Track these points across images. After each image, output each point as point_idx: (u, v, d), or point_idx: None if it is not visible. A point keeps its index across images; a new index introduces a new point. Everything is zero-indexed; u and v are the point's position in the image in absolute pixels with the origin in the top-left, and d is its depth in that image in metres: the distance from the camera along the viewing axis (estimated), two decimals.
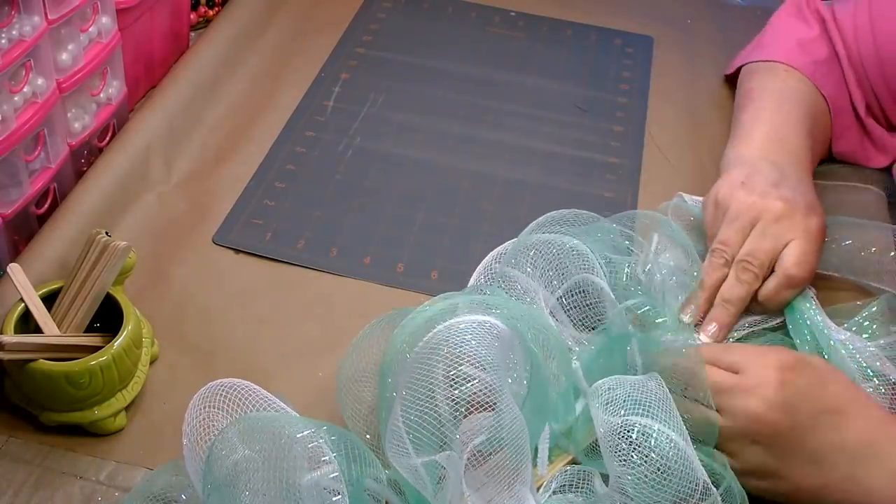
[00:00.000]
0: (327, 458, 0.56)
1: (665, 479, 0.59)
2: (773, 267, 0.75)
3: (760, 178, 0.79)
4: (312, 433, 0.56)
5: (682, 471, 0.59)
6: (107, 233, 0.68)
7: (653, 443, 0.59)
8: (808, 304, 0.75)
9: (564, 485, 0.63)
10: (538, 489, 0.63)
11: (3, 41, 0.71)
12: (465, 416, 0.58)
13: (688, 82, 1.10)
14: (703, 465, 0.61)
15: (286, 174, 0.92)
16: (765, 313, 0.77)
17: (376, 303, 0.78)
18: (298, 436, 0.56)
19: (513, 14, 1.19)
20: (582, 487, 0.62)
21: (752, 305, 0.76)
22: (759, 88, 0.92)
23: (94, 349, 0.65)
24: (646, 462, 0.59)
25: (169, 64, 1.02)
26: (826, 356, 0.72)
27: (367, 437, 0.65)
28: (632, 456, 0.59)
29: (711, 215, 0.80)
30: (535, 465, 0.63)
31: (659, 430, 0.60)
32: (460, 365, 0.58)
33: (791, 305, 0.76)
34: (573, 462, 0.65)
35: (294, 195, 0.89)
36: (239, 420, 0.58)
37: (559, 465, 0.65)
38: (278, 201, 0.88)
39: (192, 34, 1.07)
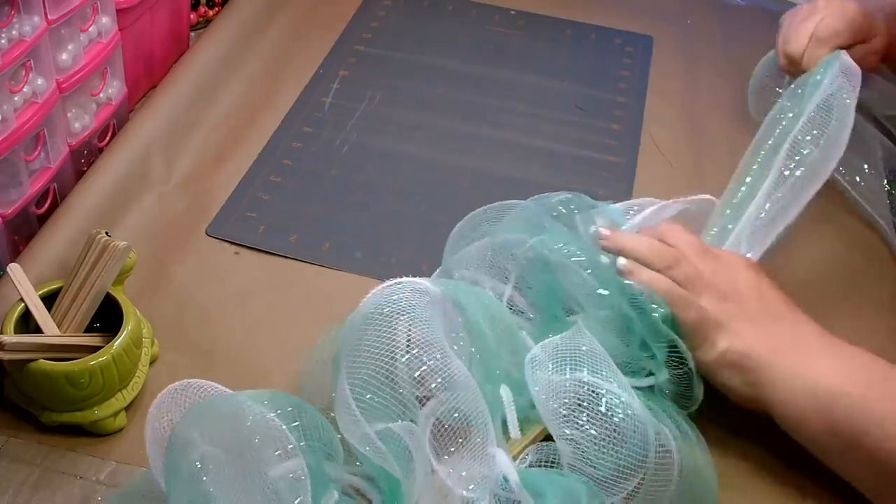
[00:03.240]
0: (289, 441, 0.55)
1: (616, 440, 0.59)
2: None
3: None
4: (275, 421, 0.55)
5: (632, 429, 0.59)
6: (107, 233, 0.69)
7: (590, 400, 0.59)
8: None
9: (540, 460, 0.63)
10: (515, 459, 0.62)
11: (3, 41, 0.71)
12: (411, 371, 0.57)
13: (688, 82, 1.10)
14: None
15: (282, 169, 0.92)
16: None
17: None
18: (262, 422, 0.55)
19: (513, 13, 1.19)
20: (556, 465, 0.62)
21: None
22: None
23: (94, 349, 0.65)
24: (592, 421, 0.59)
25: (169, 64, 1.02)
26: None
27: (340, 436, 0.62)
28: (576, 418, 0.59)
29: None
30: (506, 432, 0.63)
31: (597, 384, 0.60)
32: (393, 320, 0.58)
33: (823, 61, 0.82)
34: (548, 434, 0.64)
35: (289, 190, 0.90)
36: (192, 410, 0.56)
37: (534, 435, 0.64)
38: (273, 195, 0.89)
39: (192, 34, 1.07)
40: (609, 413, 0.59)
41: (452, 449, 0.58)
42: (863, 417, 0.62)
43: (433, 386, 0.57)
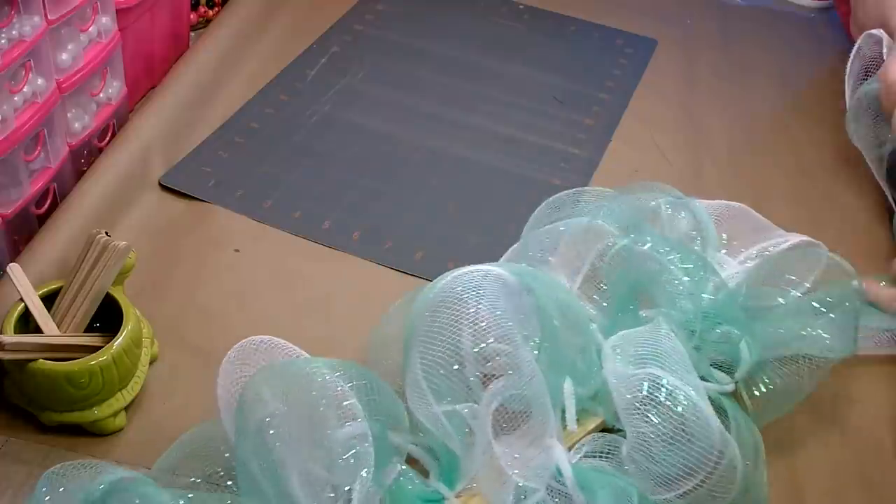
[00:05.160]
0: (355, 410, 0.55)
1: (683, 435, 0.59)
2: None
3: None
4: (343, 387, 0.56)
5: (697, 426, 0.59)
6: (107, 233, 0.69)
7: (664, 396, 0.60)
8: None
9: (596, 451, 0.63)
10: (570, 449, 0.63)
11: (3, 41, 0.71)
12: (484, 361, 0.59)
13: (686, 82, 1.10)
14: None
15: (248, 131, 0.95)
16: None
17: (378, 295, 0.78)
18: (330, 388, 0.56)
19: (521, 7, 1.19)
20: (611, 455, 0.62)
21: None
22: None
23: (94, 349, 0.65)
24: (662, 417, 0.59)
25: (169, 64, 1.02)
26: None
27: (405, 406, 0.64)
28: (648, 412, 0.59)
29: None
30: (564, 423, 0.63)
31: (671, 382, 0.60)
32: (465, 304, 0.59)
33: None
34: (605, 426, 0.65)
35: (249, 150, 0.92)
36: (264, 368, 0.57)
37: (591, 427, 0.65)
38: (232, 153, 0.91)
39: (192, 34, 1.07)
40: (682, 413, 0.59)
41: (513, 434, 0.59)
42: None
43: (500, 371, 0.59)
